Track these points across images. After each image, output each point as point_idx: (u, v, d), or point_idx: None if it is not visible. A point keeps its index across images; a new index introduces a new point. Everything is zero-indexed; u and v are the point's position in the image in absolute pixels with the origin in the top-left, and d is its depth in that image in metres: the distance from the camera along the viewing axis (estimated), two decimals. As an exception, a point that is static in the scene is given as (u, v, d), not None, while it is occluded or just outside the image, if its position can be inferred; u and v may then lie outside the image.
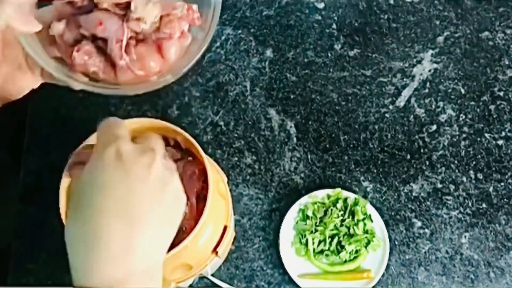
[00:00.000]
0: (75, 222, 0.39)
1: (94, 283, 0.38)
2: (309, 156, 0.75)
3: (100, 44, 0.48)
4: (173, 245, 0.49)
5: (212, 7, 0.51)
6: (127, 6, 0.49)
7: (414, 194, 0.73)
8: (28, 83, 0.50)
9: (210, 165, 0.54)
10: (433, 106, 0.78)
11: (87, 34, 0.48)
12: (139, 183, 0.40)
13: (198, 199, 0.54)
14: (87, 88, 0.46)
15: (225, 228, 0.57)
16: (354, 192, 0.72)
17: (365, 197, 0.73)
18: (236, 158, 0.75)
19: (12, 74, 0.48)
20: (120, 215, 0.39)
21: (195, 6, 0.50)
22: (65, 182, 0.51)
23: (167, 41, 0.50)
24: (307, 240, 0.69)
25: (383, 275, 0.69)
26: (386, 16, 0.83)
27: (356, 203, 0.70)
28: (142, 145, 0.42)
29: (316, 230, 0.69)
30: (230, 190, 0.64)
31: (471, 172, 0.75)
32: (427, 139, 0.76)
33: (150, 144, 0.42)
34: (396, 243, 0.71)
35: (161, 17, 0.50)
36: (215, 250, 0.56)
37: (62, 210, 0.49)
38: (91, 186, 0.40)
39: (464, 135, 0.77)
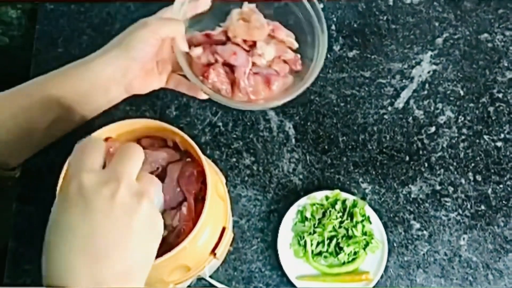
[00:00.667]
0: (49, 262, 0.40)
1: None
2: (307, 157, 0.75)
3: (227, 70, 0.63)
4: (171, 247, 0.49)
5: (315, 60, 0.64)
6: (253, 44, 0.65)
7: (412, 195, 0.73)
8: (154, 84, 0.63)
9: (209, 166, 0.54)
10: (432, 108, 0.78)
11: (219, 60, 0.63)
12: (102, 217, 0.39)
13: (197, 201, 0.53)
14: (211, 96, 0.60)
15: (223, 229, 0.57)
16: (353, 193, 0.72)
17: (363, 198, 0.72)
18: (234, 159, 0.75)
19: (144, 75, 0.61)
20: (85, 254, 0.38)
21: (299, 55, 0.66)
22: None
23: (275, 77, 0.65)
24: (305, 242, 0.69)
25: (381, 277, 0.69)
26: (385, 17, 0.83)
27: (354, 205, 0.70)
28: (106, 172, 0.41)
29: (314, 232, 0.69)
30: (229, 191, 0.64)
31: (470, 174, 0.75)
32: (426, 141, 0.76)
33: (116, 170, 0.41)
34: (395, 245, 0.71)
35: (273, 58, 0.65)
36: (213, 252, 0.56)
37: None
38: (56, 225, 0.40)
39: (463, 137, 0.77)
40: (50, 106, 0.57)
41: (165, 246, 0.51)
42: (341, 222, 0.69)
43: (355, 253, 0.68)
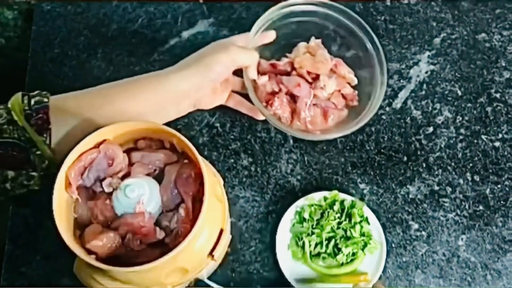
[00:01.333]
0: None
1: None
2: (305, 158, 0.75)
3: (288, 99, 0.70)
4: (169, 249, 0.48)
5: (373, 98, 0.69)
6: (316, 76, 0.71)
7: (411, 196, 0.73)
8: (217, 101, 0.73)
9: (206, 167, 0.54)
10: (430, 108, 0.78)
11: (283, 89, 0.70)
12: None
13: (194, 202, 0.53)
14: (272, 122, 0.67)
15: (221, 231, 0.57)
16: (351, 194, 0.72)
17: (362, 199, 0.72)
18: (232, 160, 0.75)
19: (211, 93, 0.70)
20: None
21: (356, 92, 0.72)
22: (59, 184, 0.51)
23: (332, 110, 0.70)
24: (303, 243, 0.69)
25: (380, 278, 0.68)
26: (382, 18, 0.83)
27: (353, 206, 0.70)
28: None
29: (312, 233, 0.69)
30: (226, 192, 0.64)
31: (468, 174, 0.74)
32: (423, 141, 0.76)
33: None
34: (393, 245, 0.71)
35: (333, 92, 0.71)
36: (211, 254, 0.56)
37: (56, 213, 0.49)
38: None
39: (461, 137, 0.76)
40: (121, 117, 0.57)
41: (163, 248, 0.51)
42: (339, 223, 0.69)
43: (353, 254, 0.68)
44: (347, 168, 0.74)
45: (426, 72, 0.80)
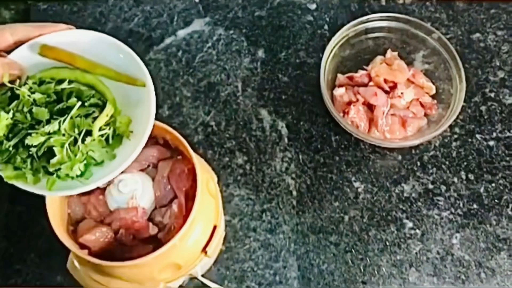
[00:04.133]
0: None
1: None
2: (300, 157, 0.75)
3: (365, 109, 0.73)
4: (161, 244, 0.48)
5: (452, 106, 0.73)
6: (393, 86, 0.74)
7: (405, 194, 0.73)
8: None
9: (200, 164, 0.54)
10: (425, 107, 0.78)
11: (360, 99, 0.73)
12: None
13: (187, 198, 0.53)
14: (350, 130, 0.71)
15: (214, 227, 0.57)
16: (345, 192, 0.72)
17: (356, 197, 0.72)
18: (227, 159, 0.75)
19: None
20: None
21: (435, 101, 0.75)
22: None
23: (411, 119, 0.73)
24: None
25: (374, 276, 0.69)
26: (378, 17, 0.83)
27: None
28: None
29: None
30: (221, 190, 0.64)
31: (462, 172, 0.75)
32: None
33: None
34: (387, 243, 0.71)
35: (411, 100, 0.73)
36: (204, 250, 0.56)
37: (49, 208, 0.49)
38: None
39: (455, 136, 0.77)
40: None
41: (156, 244, 0.51)
42: None
43: None
44: (341, 167, 0.75)
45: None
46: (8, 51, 0.50)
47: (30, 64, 0.49)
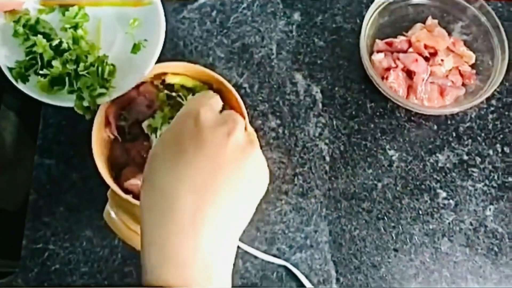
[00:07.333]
0: (152, 190, 0.37)
1: (159, 261, 0.35)
2: (334, 122, 0.74)
3: (404, 75, 0.72)
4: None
5: (492, 77, 0.72)
6: (434, 52, 0.73)
7: (439, 164, 0.72)
8: None
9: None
10: (461, 79, 0.77)
11: (399, 65, 0.72)
12: (216, 151, 0.37)
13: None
14: (389, 94, 0.70)
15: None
16: (379, 160, 0.71)
17: (390, 165, 0.71)
18: (260, 121, 0.74)
19: None
20: (193, 185, 0.36)
21: (474, 71, 0.74)
22: (98, 123, 0.50)
23: (450, 88, 0.72)
24: None
25: (406, 244, 0.68)
26: None
27: None
28: (224, 115, 0.40)
29: None
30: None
31: (498, 145, 0.74)
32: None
33: (232, 116, 0.40)
34: (420, 212, 0.70)
35: (450, 69, 0.73)
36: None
37: (95, 151, 0.48)
38: (168, 152, 0.37)
39: (492, 108, 0.75)
40: None
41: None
42: None
43: None
44: (376, 134, 0.73)
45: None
46: None
47: None
